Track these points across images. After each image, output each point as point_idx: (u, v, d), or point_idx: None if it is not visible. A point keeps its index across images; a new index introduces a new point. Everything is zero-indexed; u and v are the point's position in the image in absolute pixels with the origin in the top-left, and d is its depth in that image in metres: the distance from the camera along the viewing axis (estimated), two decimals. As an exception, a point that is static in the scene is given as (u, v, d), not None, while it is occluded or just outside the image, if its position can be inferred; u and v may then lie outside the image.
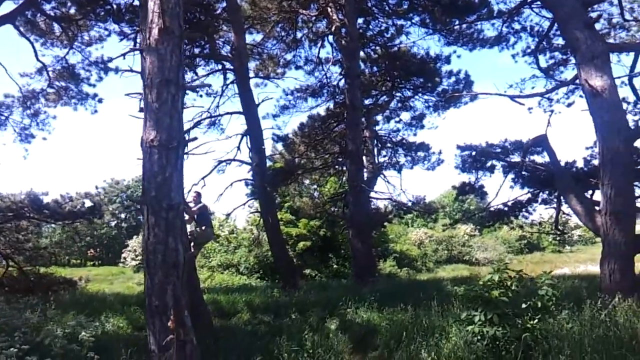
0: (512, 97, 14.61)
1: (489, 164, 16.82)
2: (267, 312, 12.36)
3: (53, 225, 31.08)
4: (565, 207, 15.35)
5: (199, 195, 11.20)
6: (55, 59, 16.83)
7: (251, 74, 18.31)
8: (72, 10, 15.49)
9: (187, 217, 10.92)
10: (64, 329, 7.57)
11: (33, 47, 15.83)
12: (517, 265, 35.40)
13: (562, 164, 15.16)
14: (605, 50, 10.14)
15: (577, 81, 11.33)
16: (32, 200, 16.69)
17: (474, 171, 17.30)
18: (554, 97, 16.53)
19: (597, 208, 11.44)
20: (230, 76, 16.48)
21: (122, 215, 54.81)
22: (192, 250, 10.20)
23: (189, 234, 10.59)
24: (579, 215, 12.32)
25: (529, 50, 16.08)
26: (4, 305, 10.19)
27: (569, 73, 16.32)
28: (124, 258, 43.30)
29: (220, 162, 16.14)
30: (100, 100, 17.78)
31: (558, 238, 52.08)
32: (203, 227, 11.00)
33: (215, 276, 27.72)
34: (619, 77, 12.09)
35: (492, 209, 18.00)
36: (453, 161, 17.20)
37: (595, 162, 15.29)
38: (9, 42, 50.00)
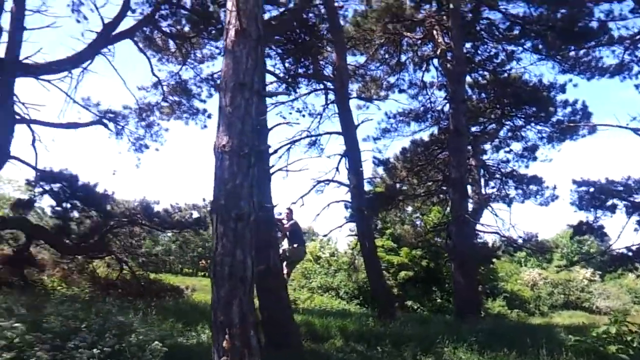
0: (636, 130, 13.02)
1: (609, 202, 15.07)
2: (361, 341, 11.72)
3: (169, 234, 33.00)
4: None
5: (291, 212, 11.05)
6: (169, 74, 17.78)
7: (353, 95, 18.16)
8: (187, 28, 16.25)
9: (280, 234, 10.82)
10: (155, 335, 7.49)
11: (150, 62, 16.83)
12: (643, 318, 31.16)
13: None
14: None
15: None
16: (144, 207, 17.64)
17: (591, 209, 15.62)
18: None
19: None
20: (332, 96, 16.42)
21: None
22: (284, 269, 10.04)
23: (280, 252, 10.45)
24: None
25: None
26: (110, 306, 10.49)
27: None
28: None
29: (318, 182, 16.07)
30: (209, 116, 18.37)
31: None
32: (295, 245, 10.80)
33: (315, 298, 27.46)
34: None
35: (614, 253, 16.05)
36: (568, 197, 15.66)
37: None
38: (128, 57, 54.53)
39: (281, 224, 10.31)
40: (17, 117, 13.58)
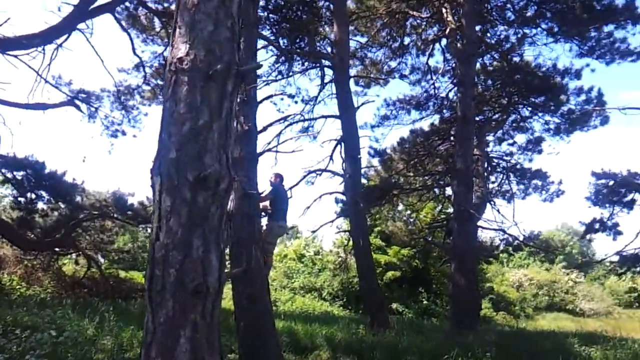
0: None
1: (629, 197, 13.31)
2: (350, 353, 9.79)
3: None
4: None
5: (278, 177, 8.89)
6: (152, 55, 15.98)
7: (351, 81, 16.26)
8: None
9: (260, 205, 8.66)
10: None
11: (132, 41, 14.77)
12: (628, 320, 30.47)
13: None
14: None
15: None
16: (116, 199, 15.79)
17: (607, 205, 13.86)
18: None
19: None
20: (328, 76, 14.37)
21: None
22: (262, 260, 7.86)
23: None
24: None
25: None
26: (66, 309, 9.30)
27: None
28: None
29: (310, 172, 13.88)
30: None
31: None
32: (276, 223, 8.66)
33: (296, 299, 25.47)
34: None
35: (624, 253, 14.28)
36: (574, 192, 13.84)
37: None
38: (107, 35, 51.47)
39: (259, 195, 8.15)
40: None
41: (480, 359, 8.28)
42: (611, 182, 13.29)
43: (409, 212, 21.31)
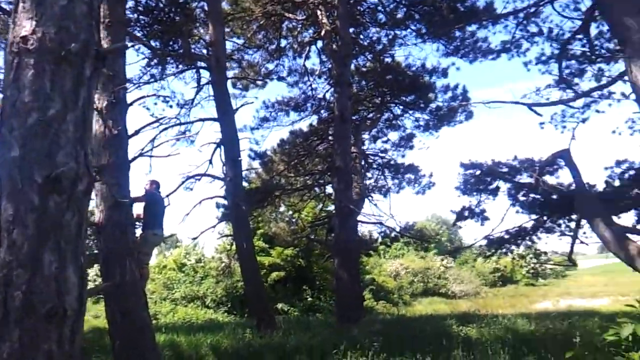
0: (530, 106, 12.38)
1: (493, 185, 14.44)
2: (239, 359, 9.48)
3: None
4: (583, 235, 13.10)
5: (154, 184, 8.24)
6: None
7: (229, 83, 15.80)
8: None
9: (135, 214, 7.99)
10: None
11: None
12: (493, 298, 33.36)
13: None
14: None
15: (626, 77, 9.18)
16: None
17: (475, 193, 14.92)
18: (568, 112, 14.34)
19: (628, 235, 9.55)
20: (205, 79, 13.76)
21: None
22: (137, 273, 7.21)
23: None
24: (606, 243, 10.06)
25: (543, 58, 13.91)
26: None
27: (584, 84, 14.18)
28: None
29: (188, 177, 13.16)
30: None
31: (532, 271, 50.50)
32: (150, 232, 8.03)
33: (177, 310, 24.25)
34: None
35: (491, 237, 15.52)
36: (444, 184, 14.76)
37: (617, 183, 13.19)
38: None
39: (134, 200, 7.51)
40: None
41: (368, 349, 8.37)
42: (478, 172, 14.25)
43: (290, 212, 21.32)
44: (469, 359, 6.83)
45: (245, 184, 17.69)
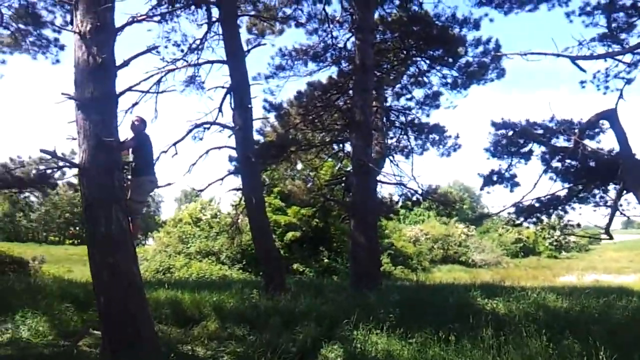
0: (573, 59, 11.10)
1: (527, 147, 13.26)
2: (242, 322, 8.78)
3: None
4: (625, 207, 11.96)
5: (142, 122, 7.33)
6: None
7: (243, 28, 14.60)
8: None
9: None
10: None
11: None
12: (515, 269, 32.65)
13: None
14: None
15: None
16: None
17: (505, 156, 13.78)
18: (613, 71, 12.88)
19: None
20: (214, 16, 12.53)
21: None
22: (126, 222, 6.41)
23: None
24: (653, 216, 8.96)
25: (588, 9, 12.43)
26: None
27: (633, 40, 12.66)
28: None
29: (196, 125, 12.16)
30: (62, 48, 14.39)
31: (555, 243, 49.28)
32: (142, 177, 7.20)
33: (192, 264, 24.01)
34: None
35: (521, 204, 14.38)
36: (469, 148, 13.54)
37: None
38: None
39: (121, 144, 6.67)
40: None
41: (383, 321, 7.54)
42: (510, 132, 13.11)
43: (307, 170, 20.40)
44: (499, 341, 5.90)
45: (259, 137, 16.81)
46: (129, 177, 7.10)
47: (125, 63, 6.73)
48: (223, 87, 11.73)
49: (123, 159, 6.95)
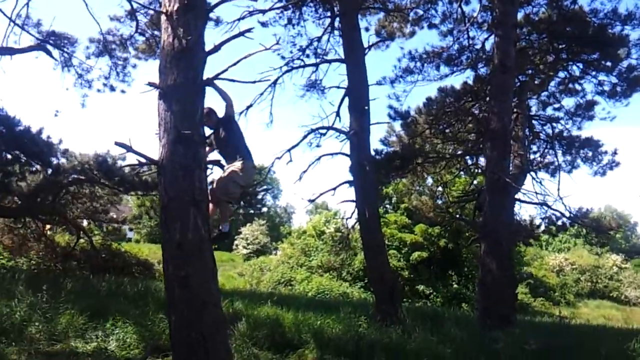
0: None
1: None
2: (342, 355, 7.46)
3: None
4: None
5: (212, 112, 6.29)
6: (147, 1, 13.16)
7: (371, 32, 13.39)
8: None
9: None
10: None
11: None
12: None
13: None
14: None
15: None
16: (99, 163, 13.43)
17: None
18: None
19: None
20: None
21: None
22: (206, 230, 5.38)
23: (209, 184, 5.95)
24: None
25: None
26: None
27: None
28: (236, 245, 41.19)
29: (312, 130, 11.19)
30: None
31: None
32: (240, 161, 6.18)
33: (312, 279, 23.21)
34: None
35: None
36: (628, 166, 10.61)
37: None
38: None
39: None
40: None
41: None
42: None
43: (435, 185, 18.45)
44: None
45: (382, 147, 15.41)
46: (239, 158, 6.05)
47: (216, 48, 5.79)
48: (339, 88, 10.54)
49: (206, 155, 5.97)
